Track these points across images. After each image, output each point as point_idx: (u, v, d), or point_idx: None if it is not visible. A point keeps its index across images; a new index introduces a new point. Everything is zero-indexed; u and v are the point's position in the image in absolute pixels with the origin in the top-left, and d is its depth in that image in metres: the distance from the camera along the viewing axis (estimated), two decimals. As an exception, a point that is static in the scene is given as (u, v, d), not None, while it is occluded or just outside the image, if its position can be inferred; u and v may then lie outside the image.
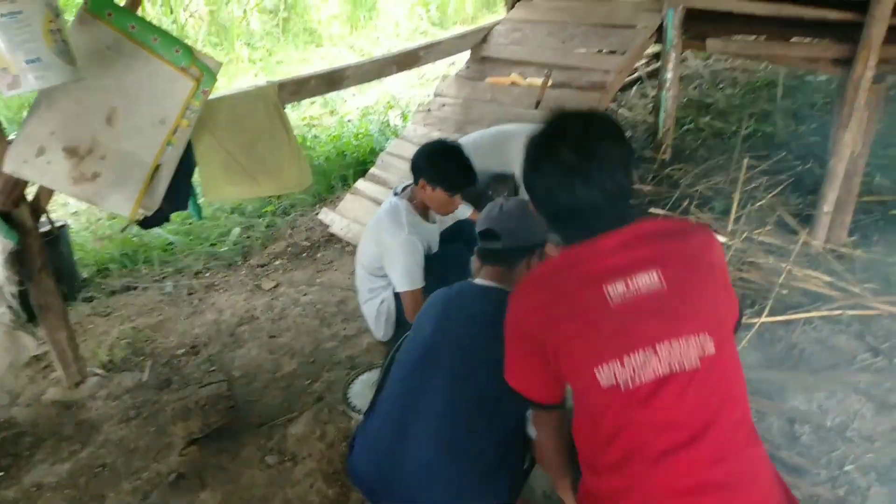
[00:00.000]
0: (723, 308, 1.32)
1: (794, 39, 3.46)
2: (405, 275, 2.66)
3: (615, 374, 1.25)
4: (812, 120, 4.61)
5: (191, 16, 7.85)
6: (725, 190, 3.74)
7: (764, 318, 2.84)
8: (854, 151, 3.18)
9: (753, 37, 3.68)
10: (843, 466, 2.21)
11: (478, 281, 1.95)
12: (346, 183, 4.72)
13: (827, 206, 3.28)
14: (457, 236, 3.05)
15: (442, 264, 2.74)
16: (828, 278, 3.05)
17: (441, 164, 2.67)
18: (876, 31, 2.90)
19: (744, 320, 2.84)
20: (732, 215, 3.38)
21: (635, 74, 5.76)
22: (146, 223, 2.85)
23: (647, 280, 1.26)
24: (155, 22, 6.61)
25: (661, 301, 1.25)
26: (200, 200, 3.06)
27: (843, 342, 2.77)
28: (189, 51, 2.52)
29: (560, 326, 1.31)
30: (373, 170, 4.35)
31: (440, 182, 2.66)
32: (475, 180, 2.73)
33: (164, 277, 3.87)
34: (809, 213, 3.42)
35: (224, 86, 6.32)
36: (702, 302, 1.28)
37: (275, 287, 3.69)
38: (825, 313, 2.87)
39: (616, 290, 1.26)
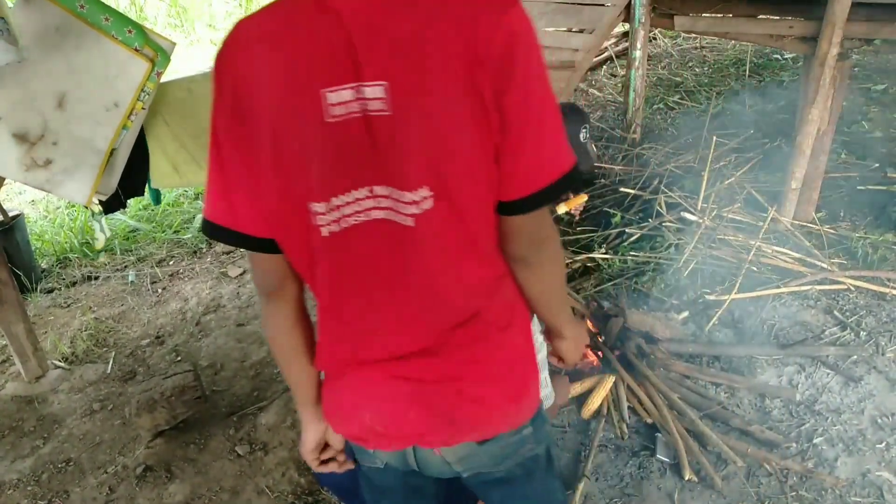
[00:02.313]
0: (468, 153, 0.89)
1: (760, 17, 3.46)
2: None
3: (319, 215, 0.94)
4: (780, 97, 4.65)
5: (150, -5, 7.63)
6: (695, 168, 3.75)
7: (734, 295, 2.85)
8: (820, 128, 3.20)
9: (721, 15, 3.67)
10: (813, 439, 2.25)
11: None
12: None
13: (794, 183, 3.30)
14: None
15: None
16: (796, 254, 3.08)
17: None
18: (839, 8, 2.90)
19: (714, 297, 2.86)
20: (702, 193, 3.38)
21: (605, 54, 5.74)
22: (104, 209, 2.75)
23: (374, 94, 0.86)
24: (111, 2, 6.39)
25: (377, 136, 0.88)
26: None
27: (811, 317, 2.80)
28: (142, 31, 2.42)
29: (263, 117, 0.91)
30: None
31: None
32: None
33: (126, 266, 3.77)
34: (778, 189, 3.45)
35: (184, 68, 6.16)
36: (431, 143, 0.88)
37: (241, 274, 3.61)
38: (794, 289, 2.90)
39: (339, 97, 0.87)
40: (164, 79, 2.56)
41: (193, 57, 7.18)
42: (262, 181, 0.95)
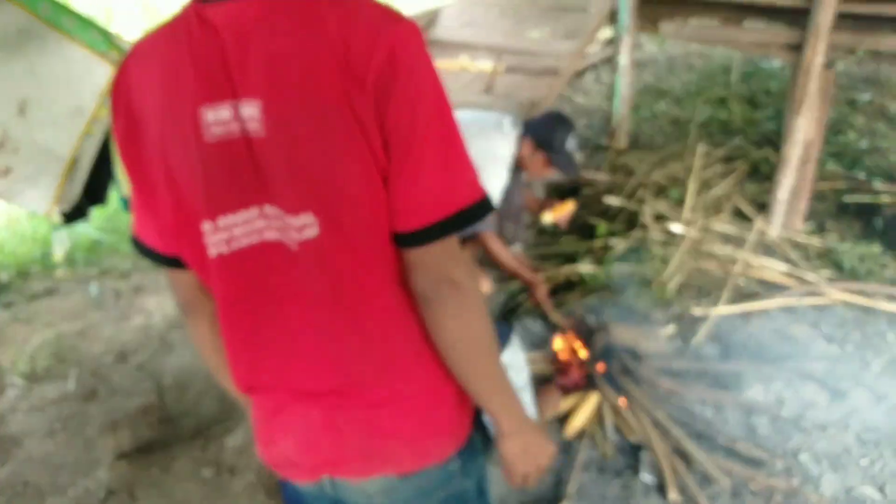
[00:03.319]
0: (351, 176, 0.83)
1: (746, 24, 3.43)
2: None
3: (207, 235, 0.91)
4: (768, 106, 4.63)
5: (120, -1, 7.53)
6: (681, 178, 3.70)
7: (720, 309, 2.80)
8: (807, 138, 3.17)
9: (707, 21, 3.63)
10: (798, 456, 2.21)
11: None
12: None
13: (782, 194, 3.26)
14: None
15: None
16: (783, 267, 3.04)
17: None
18: (823, 17, 2.89)
19: (700, 311, 2.81)
20: (688, 204, 3.33)
21: (591, 59, 5.70)
22: (66, 219, 2.65)
23: (249, 113, 0.82)
24: (80, 6, 6.29)
25: (258, 153, 0.84)
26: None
27: (798, 331, 2.76)
28: (108, 35, 2.34)
29: (148, 135, 0.89)
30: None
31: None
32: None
33: (89, 280, 3.67)
34: (765, 200, 3.41)
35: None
36: (310, 166, 0.83)
37: (211, 287, 3.52)
38: (781, 303, 2.86)
39: (218, 116, 0.83)
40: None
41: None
42: (159, 199, 0.92)
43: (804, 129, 3.14)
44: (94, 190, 2.63)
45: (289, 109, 0.81)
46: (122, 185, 2.68)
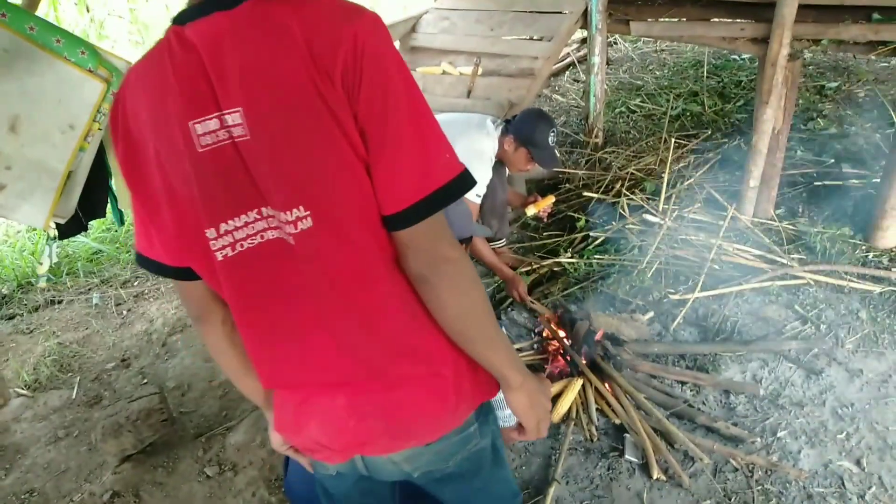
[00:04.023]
0: (333, 166, 0.89)
1: (714, 20, 3.53)
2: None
3: (212, 241, 0.97)
4: (738, 98, 4.74)
5: (109, 14, 7.53)
6: (656, 170, 3.81)
7: (697, 294, 2.89)
8: (776, 127, 3.27)
9: (675, 19, 3.74)
10: (777, 433, 2.29)
11: None
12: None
13: (752, 182, 3.36)
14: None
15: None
16: (757, 251, 3.13)
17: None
18: (788, 10, 2.97)
19: (677, 296, 2.90)
20: (663, 195, 3.43)
21: (567, 59, 5.81)
22: (64, 233, 2.71)
23: (233, 121, 0.88)
24: (71, 23, 6.31)
25: (248, 158, 0.90)
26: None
27: (773, 312, 2.85)
28: (95, 52, 2.40)
29: (146, 153, 0.95)
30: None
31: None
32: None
33: (89, 289, 3.71)
34: (737, 188, 3.51)
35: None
36: (294, 161, 0.89)
37: (209, 292, 3.57)
38: (755, 285, 2.95)
39: (206, 128, 0.89)
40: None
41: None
42: (161, 213, 0.98)
43: (772, 119, 3.24)
44: (92, 204, 2.69)
45: (266, 113, 0.86)
46: (118, 199, 2.75)
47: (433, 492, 1.30)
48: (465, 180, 0.94)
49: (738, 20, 3.34)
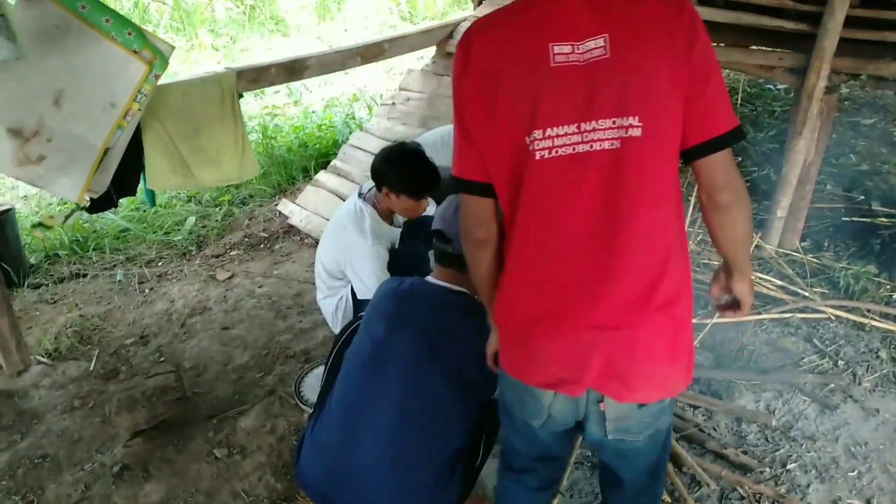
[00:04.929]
0: (666, 90, 1.16)
1: (752, 47, 3.53)
2: (369, 286, 2.58)
3: (535, 140, 1.19)
4: (770, 127, 4.71)
5: (153, 0, 7.68)
6: (683, 193, 3.79)
7: (716, 319, 2.88)
8: (807, 159, 3.26)
9: (713, 43, 3.74)
10: (787, 465, 2.27)
11: (430, 279, 1.92)
12: (308, 174, 4.66)
13: (780, 212, 3.35)
14: (417, 231, 3.02)
15: (399, 263, 2.71)
16: (779, 282, 3.12)
17: (405, 171, 2.55)
18: (828, 42, 2.97)
19: (695, 320, 2.89)
20: (688, 217, 3.43)
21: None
22: (94, 208, 2.77)
23: (594, 46, 1.15)
24: (115, 5, 6.45)
25: (598, 75, 1.15)
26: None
27: (791, 344, 2.84)
28: (142, 34, 2.45)
29: (503, 74, 1.20)
30: (334, 162, 4.30)
31: (405, 189, 2.56)
32: (439, 181, 2.63)
33: (114, 265, 3.77)
34: (764, 217, 3.50)
35: (185, 71, 6.20)
36: (640, 80, 1.15)
37: (229, 278, 3.62)
38: (775, 316, 2.94)
39: (561, 50, 1.16)
40: (161, 81, 2.59)
41: (194, 61, 7.22)
42: (496, 128, 1.21)
43: (804, 151, 3.23)
44: (125, 182, 2.75)
45: (628, 40, 1.15)
46: (148, 179, 2.81)
47: (608, 460, 1.54)
48: (742, 131, 1.22)
49: (777, 49, 3.33)
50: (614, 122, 1.16)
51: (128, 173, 2.73)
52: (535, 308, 1.30)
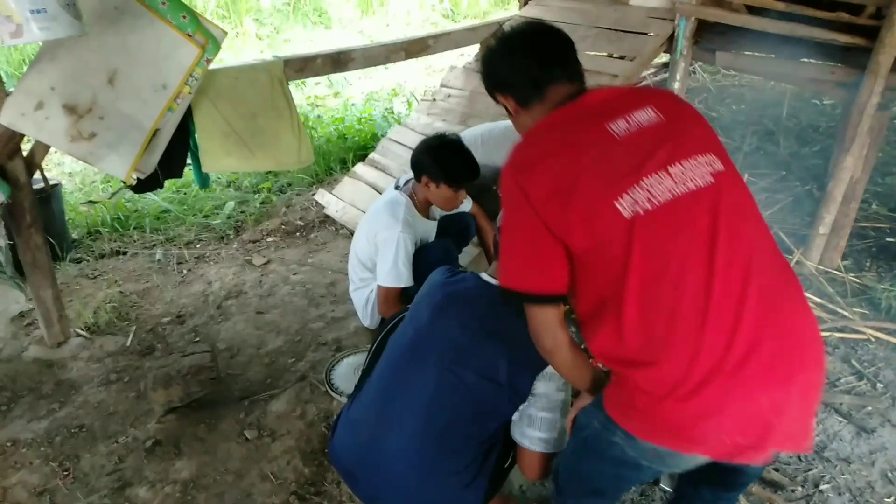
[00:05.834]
0: (718, 140, 1.38)
1: (803, 60, 3.46)
2: (390, 271, 2.60)
3: (635, 200, 1.25)
4: (815, 143, 4.63)
5: (202, -13, 7.79)
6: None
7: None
8: (854, 176, 3.19)
9: (763, 55, 3.68)
10: (819, 485, 2.23)
11: (483, 275, 1.91)
12: (346, 166, 4.70)
13: (822, 228, 3.29)
14: (450, 228, 3.03)
15: (427, 257, 2.71)
16: (818, 299, 3.06)
17: (444, 160, 2.58)
18: (884, 58, 2.90)
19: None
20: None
21: (643, 83, 5.75)
22: (139, 187, 2.82)
23: (645, 115, 1.33)
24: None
25: (663, 130, 1.32)
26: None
27: (828, 363, 2.78)
28: (196, 17, 2.49)
29: (571, 165, 1.30)
30: (373, 155, 4.33)
31: (445, 178, 2.59)
32: (478, 173, 2.67)
33: (154, 245, 3.84)
34: (805, 233, 3.43)
35: (230, 59, 6.28)
36: (700, 129, 1.37)
37: (265, 263, 3.67)
38: (813, 334, 2.87)
39: (618, 125, 1.32)
40: (211, 66, 2.63)
41: (238, 49, 7.32)
42: (574, 230, 1.29)
43: (851, 168, 3.16)
44: (171, 164, 2.79)
45: (673, 107, 1.39)
46: (203, 161, 2.85)
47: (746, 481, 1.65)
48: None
49: (829, 63, 3.27)
50: (695, 161, 1.30)
51: (174, 155, 2.77)
52: (690, 368, 1.21)
